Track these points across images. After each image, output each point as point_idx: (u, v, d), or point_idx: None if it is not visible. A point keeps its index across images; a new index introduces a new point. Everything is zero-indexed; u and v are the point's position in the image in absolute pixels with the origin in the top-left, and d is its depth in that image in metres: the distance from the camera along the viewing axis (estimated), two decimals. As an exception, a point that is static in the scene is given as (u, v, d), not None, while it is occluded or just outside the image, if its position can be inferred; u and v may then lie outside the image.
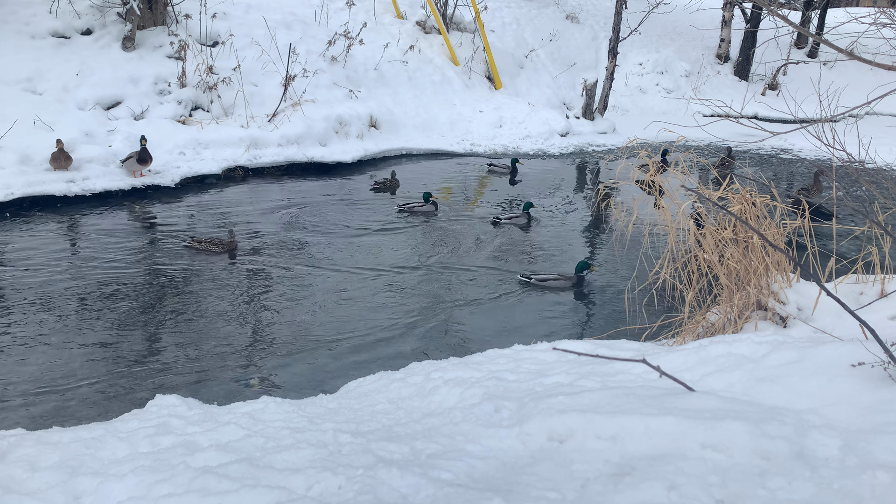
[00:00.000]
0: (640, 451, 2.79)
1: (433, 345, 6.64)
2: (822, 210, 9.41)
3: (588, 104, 17.61)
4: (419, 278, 8.25)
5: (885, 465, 2.42)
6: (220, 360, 6.24)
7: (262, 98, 14.12)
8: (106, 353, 6.26)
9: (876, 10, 4.78)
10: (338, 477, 2.97)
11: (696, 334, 5.37)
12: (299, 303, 7.47)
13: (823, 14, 23.71)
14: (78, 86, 12.69)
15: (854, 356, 3.26)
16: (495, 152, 15.53)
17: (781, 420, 2.79)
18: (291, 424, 3.85)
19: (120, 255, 8.62)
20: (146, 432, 3.81)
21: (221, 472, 3.07)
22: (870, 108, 5.37)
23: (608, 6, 22.96)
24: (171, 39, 14.24)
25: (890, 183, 6.31)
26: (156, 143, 11.94)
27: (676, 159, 6.58)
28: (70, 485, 3.23)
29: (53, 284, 7.66)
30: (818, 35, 14.86)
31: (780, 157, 16.29)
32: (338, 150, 13.76)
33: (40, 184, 10.46)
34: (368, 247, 9.25)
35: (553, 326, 7.10)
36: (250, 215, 10.50)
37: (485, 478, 2.89)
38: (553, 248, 9.50)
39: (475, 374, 4.45)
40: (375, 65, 16.73)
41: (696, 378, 3.65)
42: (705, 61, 22.39)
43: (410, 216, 10.55)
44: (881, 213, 5.35)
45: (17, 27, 13.48)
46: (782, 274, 5.00)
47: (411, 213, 10.62)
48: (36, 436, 3.92)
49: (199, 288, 7.75)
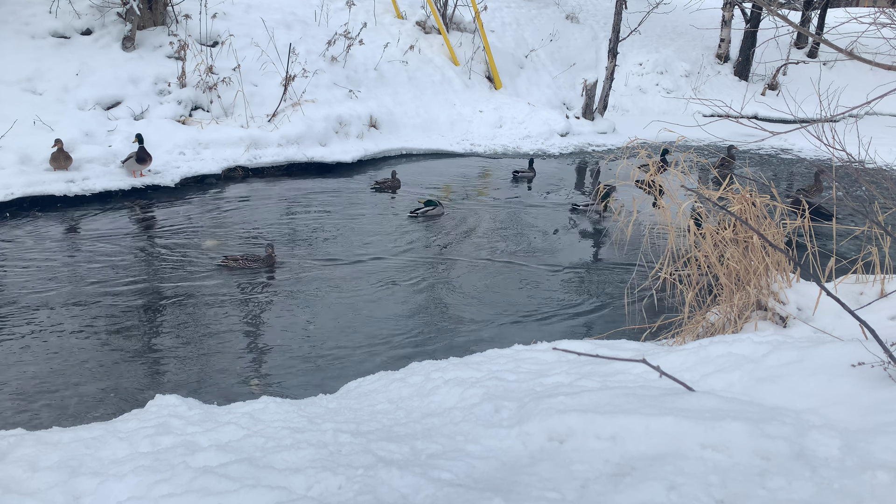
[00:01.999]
0: (640, 451, 2.79)
1: (433, 345, 6.64)
2: (822, 210, 9.41)
3: (588, 104, 17.61)
4: (419, 278, 8.25)
5: (885, 465, 2.42)
6: (220, 360, 6.24)
7: (261, 98, 14.12)
8: (106, 354, 6.26)
9: (876, 10, 4.78)
10: (338, 477, 2.97)
11: (696, 334, 5.37)
12: (299, 302, 7.47)
13: (823, 14, 23.71)
14: (78, 86, 12.69)
15: (854, 356, 3.26)
16: (495, 152, 15.53)
17: (781, 420, 2.79)
18: (291, 424, 3.85)
19: (119, 255, 8.62)
20: (146, 432, 3.81)
21: (221, 472, 3.07)
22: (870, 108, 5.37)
23: (608, 6, 22.96)
24: (171, 39, 14.24)
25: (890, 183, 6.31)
26: (156, 143, 11.94)
27: (676, 159, 6.58)
28: (70, 485, 3.22)
29: (53, 284, 7.66)
30: (818, 35, 14.86)
31: (780, 157, 16.29)
32: (338, 150, 13.77)
33: (40, 184, 10.46)
34: (367, 247, 9.25)
35: (553, 326, 7.10)
36: (250, 215, 10.50)
37: (485, 478, 2.89)
38: (550, 249, 9.50)
39: (475, 374, 4.45)
40: (375, 65, 16.72)
41: (696, 378, 3.65)
42: (705, 61, 22.39)
43: (422, 219, 10.42)
44: (881, 213, 5.35)
45: (16, 27, 13.48)
46: (782, 274, 5.00)
47: (424, 217, 10.45)
48: (36, 436, 3.92)
49: (198, 288, 7.75)
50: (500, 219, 10.80)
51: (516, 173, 13.27)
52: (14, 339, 6.46)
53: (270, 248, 8.29)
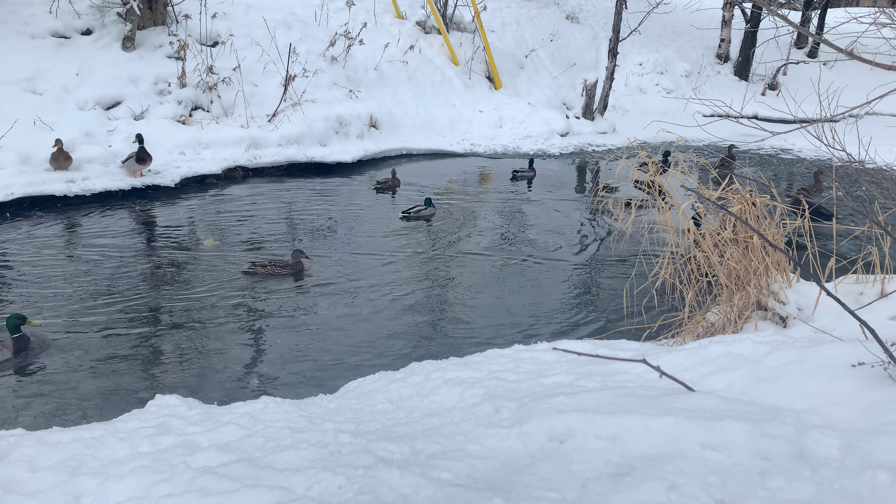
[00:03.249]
0: (640, 451, 2.79)
1: (433, 345, 6.64)
2: (822, 210, 9.41)
3: (588, 104, 17.61)
4: (419, 278, 8.25)
5: (885, 465, 2.42)
6: (221, 360, 6.24)
7: (262, 98, 14.13)
8: (106, 353, 6.26)
9: (876, 10, 4.78)
10: (338, 477, 2.97)
11: (696, 334, 5.37)
12: (298, 302, 7.46)
13: (823, 14, 23.72)
14: (78, 86, 12.70)
15: (854, 356, 3.26)
16: (495, 152, 15.53)
17: (781, 420, 2.79)
18: (291, 424, 3.85)
19: (119, 255, 8.62)
20: (146, 432, 3.81)
21: (221, 472, 3.07)
22: (870, 108, 5.37)
23: (608, 6, 22.97)
24: (171, 39, 14.25)
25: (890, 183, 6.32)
26: (156, 143, 11.94)
27: (676, 159, 6.58)
28: (70, 485, 3.22)
29: (52, 284, 7.66)
30: (818, 35, 14.86)
31: (780, 157, 16.29)
32: (338, 150, 13.77)
33: (40, 184, 10.46)
34: (368, 247, 9.25)
35: (553, 326, 7.10)
36: (250, 215, 10.50)
37: (485, 478, 2.89)
38: (550, 249, 9.50)
39: (475, 374, 4.45)
40: (375, 65, 16.73)
41: (696, 378, 3.65)
42: (705, 61, 22.39)
43: (415, 220, 10.45)
44: (881, 213, 5.35)
45: (17, 27, 13.49)
46: (782, 274, 5.00)
47: (416, 219, 10.48)
48: (36, 436, 3.92)
49: (198, 288, 7.75)
50: (499, 219, 10.80)
51: (516, 172, 13.28)
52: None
53: (300, 254, 8.15)
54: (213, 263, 8.43)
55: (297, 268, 8.10)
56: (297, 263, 8.11)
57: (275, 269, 7.99)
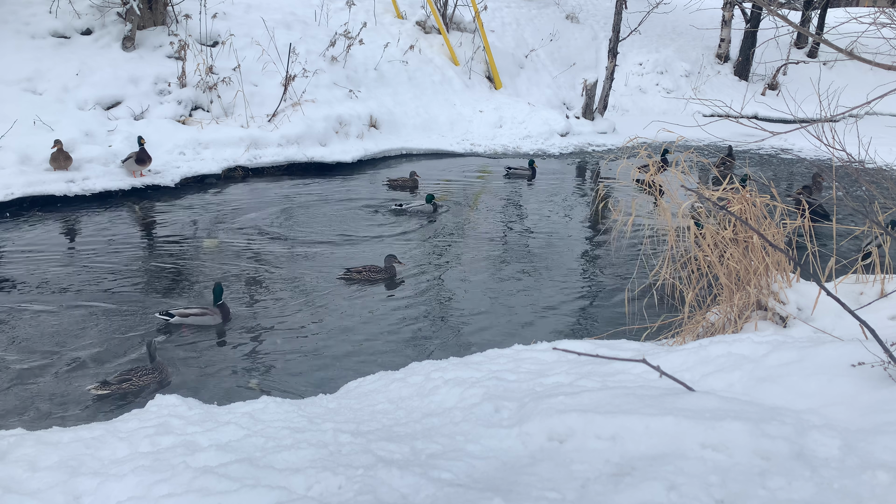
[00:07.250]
0: (640, 451, 2.79)
1: (433, 345, 6.64)
2: (819, 210, 9.41)
3: (588, 104, 17.61)
4: (419, 278, 8.25)
5: (885, 465, 2.42)
6: (221, 360, 6.24)
7: (262, 98, 14.12)
8: (106, 353, 6.26)
9: (876, 10, 4.78)
10: (338, 477, 2.97)
11: (696, 334, 5.37)
12: (298, 302, 7.46)
13: (823, 14, 23.72)
14: (78, 86, 12.69)
15: (854, 356, 3.26)
16: (495, 152, 15.53)
17: (781, 420, 2.79)
18: (291, 424, 3.85)
19: (119, 255, 8.62)
20: (146, 432, 3.81)
21: (221, 472, 3.07)
22: (870, 108, 5.37)
23: (608, 6, 22.97)
24: (171, 39, 14.24)
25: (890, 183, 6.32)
26: (156, 143, 11.94)
27: (676, 159, 6.58)
28: (70, 485, 3.23)
29: (52, 284, 7.66)
30: (818, 35, 14.86)
31: (780, 157, 16.29)
32: (338, 150, 13.77)
33: (40, 184, 10.47)
34: (368, 246, 9.24)
35: (553, 326, 7.10)
36: (250, 214, 10.50)
37: (485, 478, 2.89)
38: (550, 249, 9.50)
39: (475, 374, 4.45)
40: (375, 65, 16.72)
41: (696, 378, 3.65)
42: (705, 61, 22.39)
43: (411, 217, 10.52)
44: (881, 213, 5.35)
45: (17, 27, 13.49)
46: (782, 274, 5.00)
47: (408, 213, 10.55)
48: (36, 436, 3.92)
49: (197, 287, 7.75)
50: (499, 219, 10.80)
51: (510, 169, 13.33)
52: (14, 338, 6.45)
53: (392, 259, 8.16)
54: (213, 264, 8.43)
55: (390, 272, 8.16)
56: (390, 268, 8.17)
57: (370, 274, 8.06)
